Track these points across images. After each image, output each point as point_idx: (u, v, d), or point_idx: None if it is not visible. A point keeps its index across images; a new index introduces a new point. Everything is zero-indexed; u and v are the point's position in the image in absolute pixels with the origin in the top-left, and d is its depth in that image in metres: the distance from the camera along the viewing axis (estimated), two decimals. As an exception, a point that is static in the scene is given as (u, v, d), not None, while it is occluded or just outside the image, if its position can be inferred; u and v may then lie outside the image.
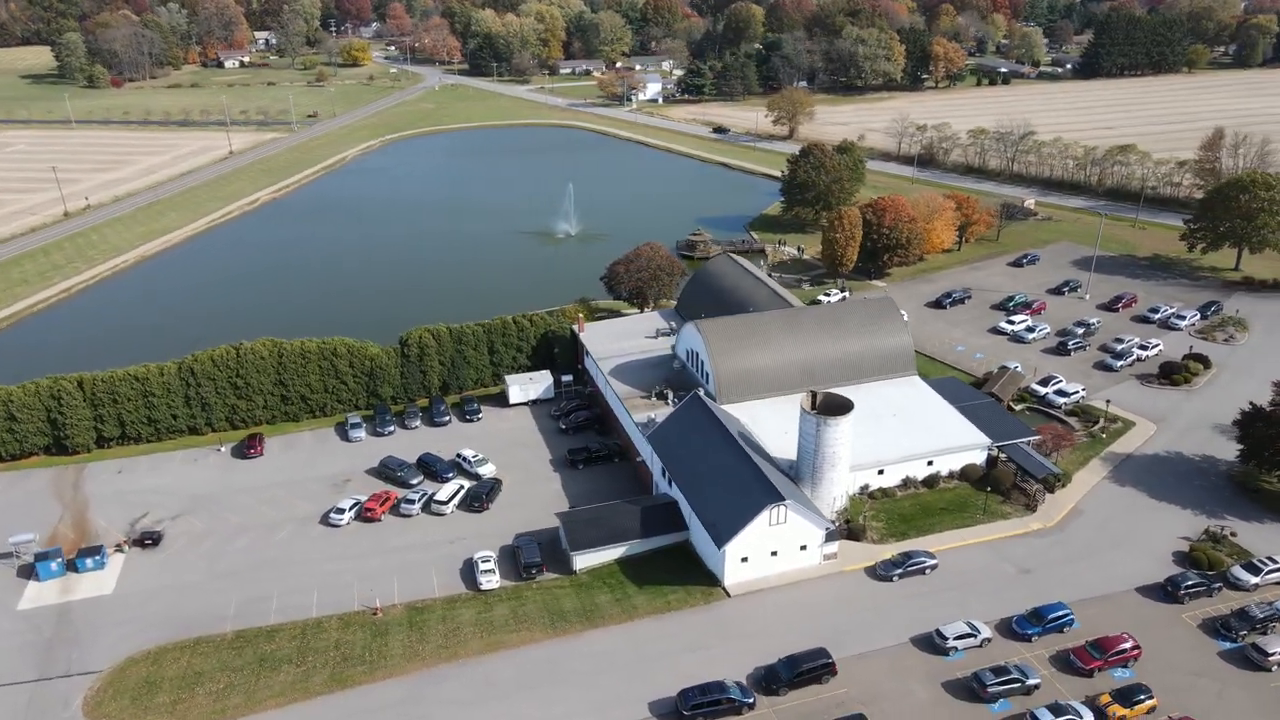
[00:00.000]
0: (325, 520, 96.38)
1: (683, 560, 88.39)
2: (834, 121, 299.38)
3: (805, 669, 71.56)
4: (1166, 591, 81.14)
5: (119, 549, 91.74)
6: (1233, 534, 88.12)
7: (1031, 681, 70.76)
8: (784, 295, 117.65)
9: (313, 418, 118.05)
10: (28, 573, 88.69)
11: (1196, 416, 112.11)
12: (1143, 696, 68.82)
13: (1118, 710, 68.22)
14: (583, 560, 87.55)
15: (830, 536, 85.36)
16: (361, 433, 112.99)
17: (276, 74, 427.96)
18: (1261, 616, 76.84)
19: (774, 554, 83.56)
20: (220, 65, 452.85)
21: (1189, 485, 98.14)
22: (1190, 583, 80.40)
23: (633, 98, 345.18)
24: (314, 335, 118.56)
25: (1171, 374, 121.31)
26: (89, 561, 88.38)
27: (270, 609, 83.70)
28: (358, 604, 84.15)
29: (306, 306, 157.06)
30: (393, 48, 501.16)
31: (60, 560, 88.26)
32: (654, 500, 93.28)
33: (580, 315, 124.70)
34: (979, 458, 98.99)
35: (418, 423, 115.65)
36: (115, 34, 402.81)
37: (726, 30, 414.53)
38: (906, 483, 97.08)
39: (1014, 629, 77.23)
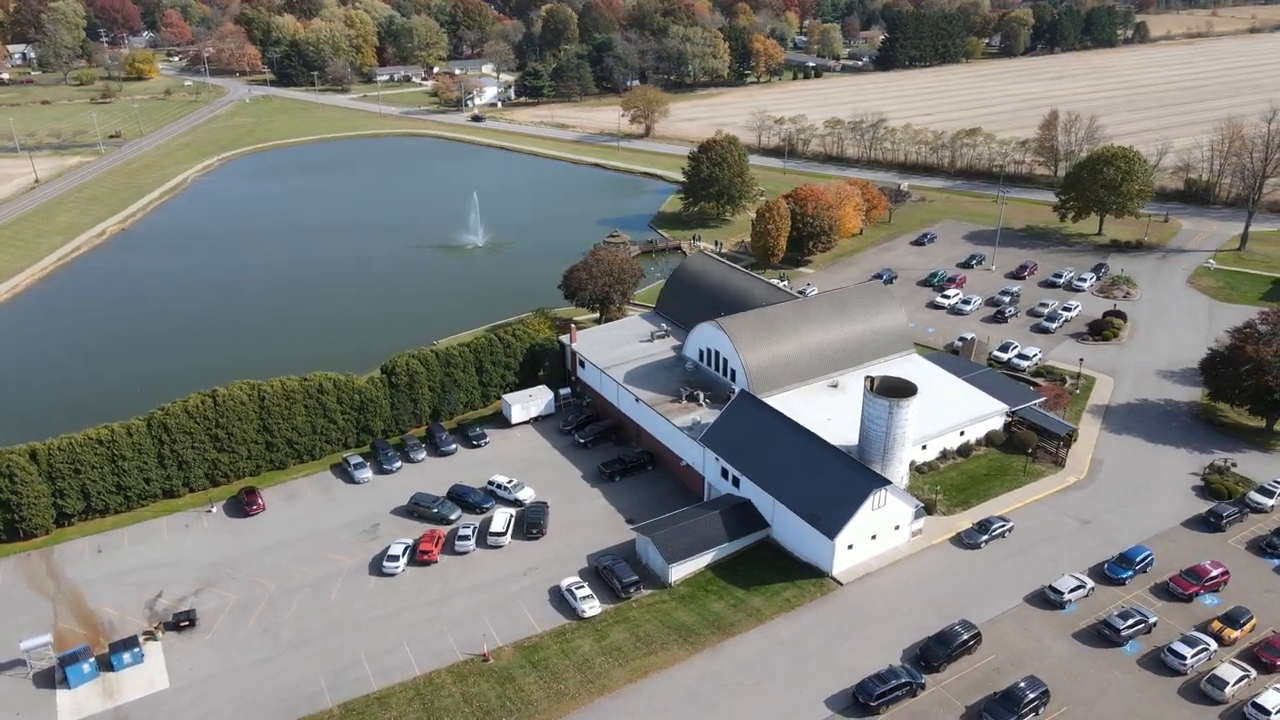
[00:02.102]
0: (378, 570, 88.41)
1: (770, 557, 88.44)
2: (681, 118, 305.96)
3: (960, 642, 73.92)
4: (1209, 522, 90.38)
5: (151, 636, 79.85)
6: (1233, 465, 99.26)
7: (1152, 620, 76.84)
8: (780, 288, 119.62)
9: (300, 463, 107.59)
10: (49, 680, 75.51)
11: (1139, 366, 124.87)
12: (1246, 618, 76.56)
13: (1229, 633, 75.51)
14: (678, 571, 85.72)
15: (917, 514, 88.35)
16: (367, 472, 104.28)
17: (48, 91, 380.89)
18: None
19: (873, 537, 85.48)
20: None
21: (1168, 426, 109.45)
22: (1228, 512, 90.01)
23: (470, 102, 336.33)
24: (254, 376, 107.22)
25: (1101, 331, 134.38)
26: (125, 656, 76.41)
27: (366, 674, 75.99)
28: (459, 653, 78.09)
29: (235, 345, 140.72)
30: (176, 58, 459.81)
31: (91, 660, 75.65)
32: (728, 502, 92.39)
33: (572, 326, 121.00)
34: (999, 424, 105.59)
35: (422, 454, 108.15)
36: None
37: (545, 32, 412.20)
38: (944, 454, 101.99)
39: (1107, 574, 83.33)
